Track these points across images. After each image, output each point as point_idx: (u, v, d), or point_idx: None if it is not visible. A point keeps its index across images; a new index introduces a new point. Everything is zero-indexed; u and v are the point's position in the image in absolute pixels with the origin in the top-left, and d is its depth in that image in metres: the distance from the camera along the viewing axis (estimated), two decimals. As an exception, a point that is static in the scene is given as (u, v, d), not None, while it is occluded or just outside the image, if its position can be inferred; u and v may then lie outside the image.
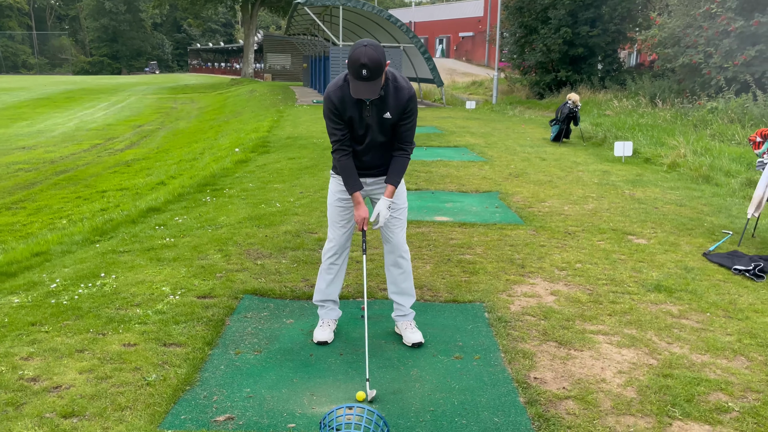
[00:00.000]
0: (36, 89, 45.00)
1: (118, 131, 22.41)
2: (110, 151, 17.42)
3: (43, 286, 4.44)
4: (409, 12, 64.40)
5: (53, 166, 14.99)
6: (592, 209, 7.03)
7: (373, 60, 3.00)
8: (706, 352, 3.64)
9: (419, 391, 3.19)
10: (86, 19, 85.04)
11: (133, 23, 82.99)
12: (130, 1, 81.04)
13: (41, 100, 36.12)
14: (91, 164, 15.10)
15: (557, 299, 4.40)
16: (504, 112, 19.97)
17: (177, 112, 29.24)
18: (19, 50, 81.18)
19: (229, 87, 40.89)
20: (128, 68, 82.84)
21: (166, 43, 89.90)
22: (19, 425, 2.76)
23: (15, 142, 20.10)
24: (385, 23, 22.47)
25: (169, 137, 20.08)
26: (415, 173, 8.86)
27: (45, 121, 26.39)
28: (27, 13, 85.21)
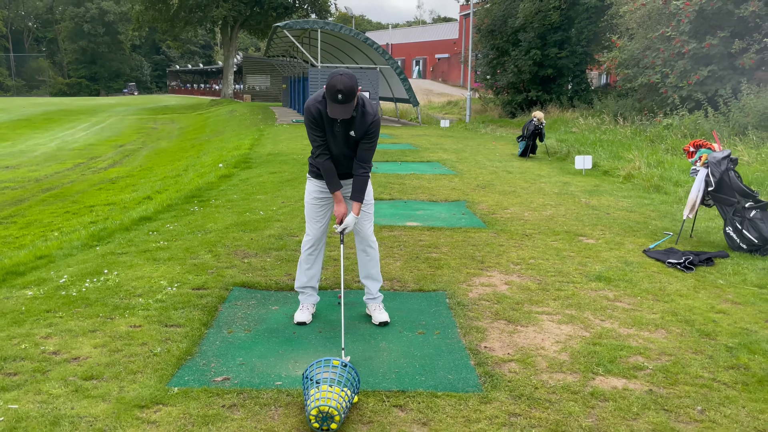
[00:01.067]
0: (14, 111, 45.05)
1: (101, 151, 22.79)
2: (94, 170, 17.82)
3: (52, 281, 4.95)
4: (386, 34, 65.68)
5: (39, 184, 15.36)
6: (549, 215, 7.70)
7: (347, 87, 3.62)
8: (633, 327, 4.27)
9: (386, 358, 3.76)
10: (64, 41, 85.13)
11: (111, 45, 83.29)
12: (109, 24, 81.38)
13: (20, 122, 36.29)
14: (76, 182, 15.50)
15: (510, 288, 5.02)
16: (477, 130, 20.78)
17: (158, 132, 29.66)
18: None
19: (209, 108, 41.40)
20: (107, 90, 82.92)
21: (145, 64, 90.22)
22: (47, 386, 3.28)
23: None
24: (362, 45, 23.27)
25: (152, 156, 20.52)
26: (390, 185, 9.49)
27: (26, 141, 26.65)
28: (4, 35, 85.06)
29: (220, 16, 40.17)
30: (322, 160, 4.00)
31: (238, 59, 48.85)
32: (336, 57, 28.62)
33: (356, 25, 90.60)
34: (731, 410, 3.17)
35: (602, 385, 3.43)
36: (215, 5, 40.26)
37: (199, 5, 41.11)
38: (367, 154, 3.96)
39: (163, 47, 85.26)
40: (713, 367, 3.66)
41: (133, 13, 44.10)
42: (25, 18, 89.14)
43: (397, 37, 64.29)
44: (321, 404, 2.89)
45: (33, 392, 3.21)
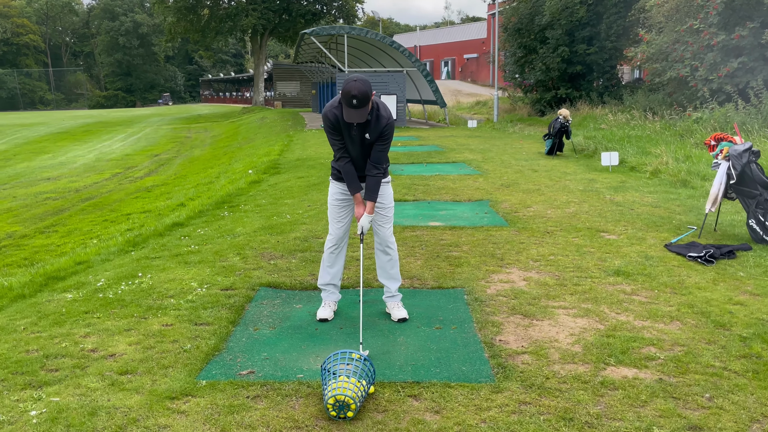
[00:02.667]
0: (54, 124, 46.53)
1: (137, 161, 23.46)
2: (130, 179, 18.39)
3: (90, 285, 5.24)
4: (414, 36, 65.84)
5: (78, 194, 15.95)
6: (572, 212, 7.75)
7: (361, 92, 3.80)
8: (648, 319, 4.34)
9: (404, 352, 3.92)
10: (101, 55, 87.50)
11: (146, 57, 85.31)
12: (143, 36, 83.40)
13: (61, 134, 37.49)
14: (114, 191, 16.04)
15: (528, 283, 5.12)
16: (504, 130, 20.77)
17: (191, 141, 30.35)
18: (36, 87, 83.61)
19: (241, 115, 42.15)
20: (142, 101, 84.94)
21: (179, 75, 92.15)
22: (86, 380, 3.52)
23: (40, 173, 21.18)
24: (388, 49, 23.48)
25: (186, 164, 21.06)
26: (414, 186, 9.64)
27: (66, 153, 27.56)
28: (43, 51, 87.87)
29: (250, 25, 40.87)
30: (343, 163, 4.18)
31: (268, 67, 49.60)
32: (363, 61, 28.91)
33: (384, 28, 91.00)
34: (739, 397, 3.24)
35: (613, 374, 3.53)
36: (245, 14, 40.99)
37: (229, 15, 41.91)
38: (380, 155, 4.13)
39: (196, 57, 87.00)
40: (725, 357, 3.71)
41: (166, 25, 45.17)
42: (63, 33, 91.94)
43: (425, 38, 64.39)
44: (338, 393, 3.06)
45: (73, 386, 3.45)
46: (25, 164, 24.43)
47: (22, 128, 42.80)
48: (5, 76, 79.95)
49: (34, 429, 3.02)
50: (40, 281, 5.53)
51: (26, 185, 18.62)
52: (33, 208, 14.46)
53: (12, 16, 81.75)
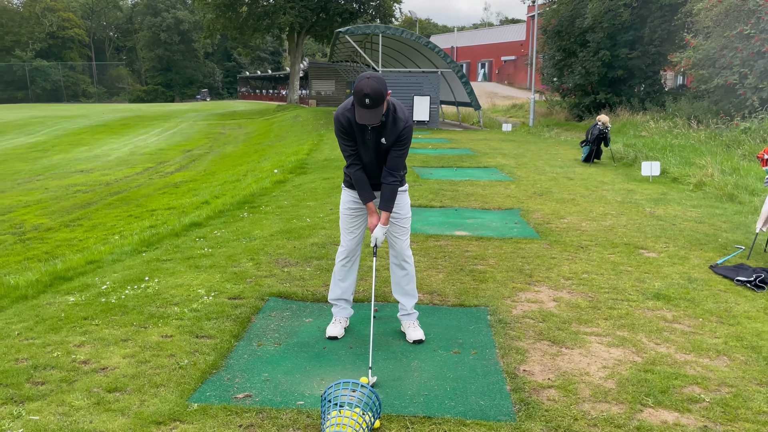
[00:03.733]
0: (94, 117, 47.35)
1: (169, 155, 23.55)
2: (161, 174, 18.40)
3: (95, 288, 5.02)
4: (451, 37, 65.24)
5: (108, 188, 15.97)
6: (609, 225, 7.28)
7: (374, 90, 3.45)
8: (691, 352, 3.91)
9: (417, 379, 3.57)
10: (142, 50, 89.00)
11: (186, 53, 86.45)
12: (184, 32, 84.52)
13: (99, 127, 38.07)
14: (143, 186, 16.02)
15: (558, 305, 4.72)
16: (540, 134, 20.21)
17: (225, 137, 30.43)
18: (80, 80, 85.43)
19: (275, 113, 42.23)
20: (181, 96, 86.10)
21: (217, 71, 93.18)
22: (71, 397, 3.26)
23: (74, 165, 21.40)
24: (423, 49, 23.10)
25: (217, 161, 21.03)
26: (442, 192, 9.26)
27: (102, 146, 27.88)
28: (87, 45, 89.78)
29: (287, 23, 40.89)
30: (354, 170, 3.85)
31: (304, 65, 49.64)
32: (398, 61, 28.57)
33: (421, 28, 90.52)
34: (799, 455, 2.81)
35: (651, 418, 3.12)
36: (282, 12, 41.02)
37: (267, 13, 42.00)
38: (397, 161, 3.78)
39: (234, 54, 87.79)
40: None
41: (205, 21, 45.54)
42: (107, 28, 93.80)
43: (463, 40, 63.74)
44: (335, 431, 2.74)
45: (56, 403, 3.19)
46: (61, 156, 24.77)
47: (63, 120, 43.65)
48: (50, 69, 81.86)
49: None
50: (46, 281, 5.34)
51: (59, 177, 18.78)
52: (62, 200, 14.50)
53: (58, 10, 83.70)
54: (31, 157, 24.51)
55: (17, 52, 79.91)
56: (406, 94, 22.32)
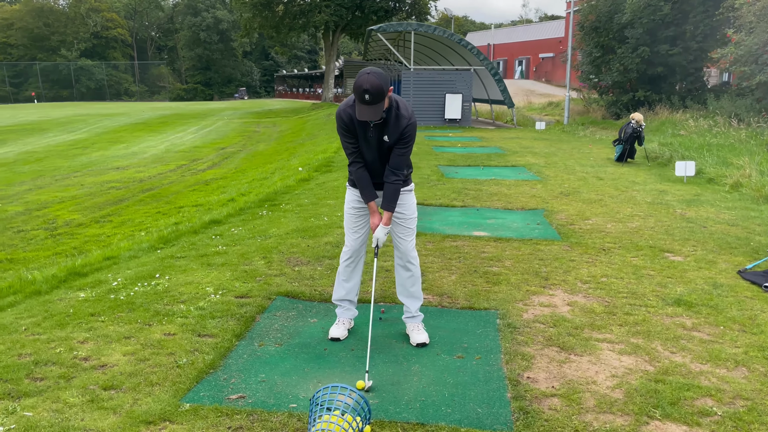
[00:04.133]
0: (135, 115, 48.36)
1: (203, 153, 23.86)
2: (193, 171, 18.63)
3: (106, 284, 5.06)
4: (488, 34, 64.59)
5: (141, 185, 16.24)
6: (635, 227, 7.04)
7: (374, 86, 3.36)
8: (707, 362, 3.71)
9: (415, 384, 3.47)
10: (183, 49, 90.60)
11: (225, 52, 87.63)
12: (223, 32, 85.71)
13: (138, 125, 38.85)
14: (174, 183, 16.25)
15: (572, 309, 4.56)
16: (574, 133, 19.80)
17: (259, 135, 30.71)
18: (122, 79, 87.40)
19: (309, 111, 42.46)
20: (219, 94, 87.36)
21: (255, 70, 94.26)
22: (67, 394, 3.27)
23: (111, 162, 21.85)
24: (456, 46, 22.88)
25: (248, 158, 21.21)
26: (465, 191, 9.12)
27: (140, 144, 28.42)
28: (130, 45, 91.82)
29: (322, 22, 41.05)
30: (356, 168, 3.78)
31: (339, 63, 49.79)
32: (432, 59, 28.38)
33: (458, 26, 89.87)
34: (814, 477, 2.62)
35: (657, 431, 2.96)
36: (318, 11, 41.20)
37: (303, 11, 42.24)
38: (400, 160, 3.69)
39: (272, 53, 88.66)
40: (799, 420, 3.07)
41: (242, 21, 46.05)
42: (149, 28, 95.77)
43: (500, 37, 63.04)
44: (321, 436, 2.67)
45: (51, 400, 3.20)
46: (100, 153, 25.32)
47: (104, 118, 44.70)
48: (94, 68, 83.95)
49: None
50: (61, 276, 5.41)
51: (96, 174, 19.20)
52: (96, 196, 14.79)
53: (102, 11, 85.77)
54: (71, 154, 25.14)
55: (63, 52, 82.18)
56: (438, 91, 22.14)
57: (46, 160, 23.54)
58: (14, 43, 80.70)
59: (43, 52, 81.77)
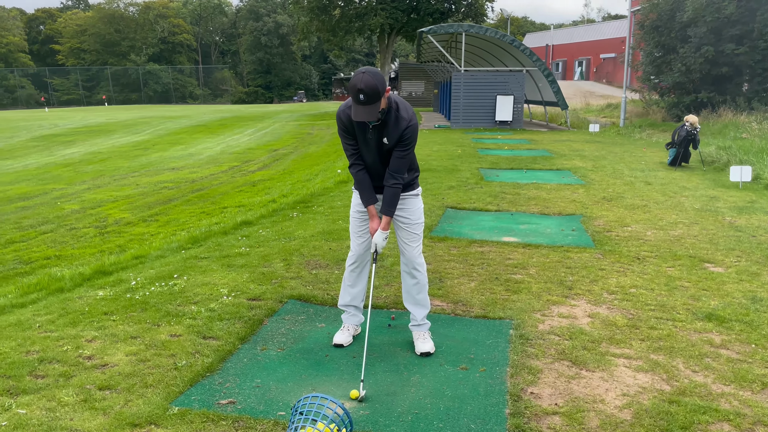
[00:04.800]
0: (196, 117, 49.78)
1: (256, 155, 24.28)
2: (243, 172, 18.97)
3: (126, 283, 5.14)
4: (548, 35, 63.32)
5: (192, 185, 16.64)
6: (677, 235, 6.67)
7: (369, 86, 3.26)
8: (731, 383, 3.44)
9: (412, 395, 3.35)
10: (244, 53, 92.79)
11: (284, 56, 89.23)
12: (283, 36, 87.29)
13: (198, 127, 39.94)
14: (224, 184, 16.57)
15: (592, 321, 4.32)
16: (630, 135, 19.11)
17: (312, 138, 31.04)
18: (187, 82, 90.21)
19: (364, 113, 42.58)
20: (279, 97, 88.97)
21: (314, 73, 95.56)
22: (63, 393, 3.31)
23: (168, 163, 22.51)
24: (508, 47, 22.49)
25: (298, 160, 21.44)
26: (502, 195, 8.88)
27: (197, 145, 29.20)
28: (195, 49, 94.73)
29: (377, 24, 41.16)
30: (356, 170, 3.69)
31: (394, 66, 49.83)
32: (485, 60, 28.00)
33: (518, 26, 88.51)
34: None
35: (660, 459, 2.74)
36: (373, 14, 41.34)
37: (359, 14, 42.48)
38: (400, 163, 3.57)
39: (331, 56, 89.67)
40: (825, 452, 2.79)
41: (299, 24, 46.72)
42: (213, 33, 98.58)
43: (559, 37, 61.69)
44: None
45: (47, 398, 3.25)
46: (159, 154, 26.15)
47: (167, 120, 46.19)
48: (161, 72, 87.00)
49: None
50: (88, 274, 5.54)
51: (152, 174, 19.80)
52: (148, 196, 15.24)
53: (169, 17, 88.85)
54: (132, 155, 26.06)
55: (132, 57, 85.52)
56: (489, 93, 21.80)
57: (109, 160, 24.48)
58: (87, 48, 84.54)
59: (113, 57, 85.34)
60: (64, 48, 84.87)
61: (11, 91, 76.94)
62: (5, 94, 76.28)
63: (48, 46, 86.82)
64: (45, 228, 11.67)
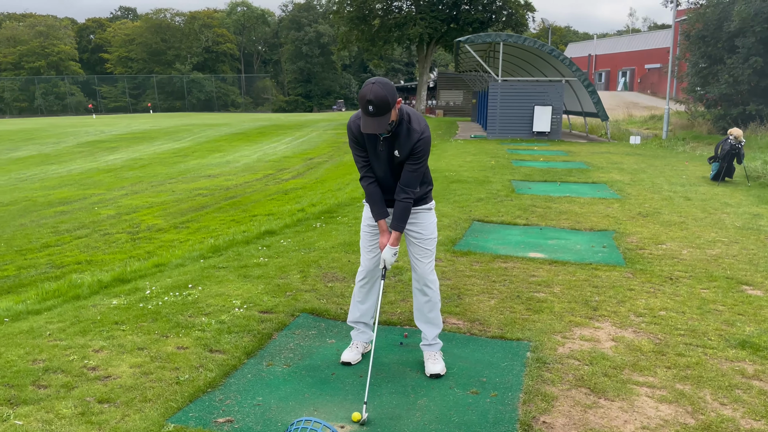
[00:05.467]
0: (236, 125, 50.54)
1: (291, 163, 24.43)
2: (277, 181, 19.07)
3: (141, 292, 5.12)
4: (590, 45, 62.33)
5: (226, 192, 16.80)
6: (714, 255, 6.35)
7: (378, 97, 3.14)
8: (762, 418, 3.18)
9: (416, 420, 3.19)
10: (286, 63, 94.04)
11: (325, 65, 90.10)
12: (324, 45, 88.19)
13: (237, 135, 40.52)
14: (257, 192, 16.67)
15: (615, 346, 4.09)
16: (672, 148, 18.53)
17: (347, 147, 31.10)
18: (229, 91, 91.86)
19: (402, 122, 42.56)
20: (318, 106, 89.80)
21: (353, 82, 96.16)
22: (62, 404, 3.26)
23: (205, 170, 22.82)
24: (548, 57, 22.13)
25: (332, 169, 21.47)
26: (532, 208, 8.64)
27: (235, 153, 29.58)
28: (237, 58, 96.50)
29: (416, 34, 41.14)
30: (366, 183, 3.57)
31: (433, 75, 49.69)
32: (524, 69, 27.64)
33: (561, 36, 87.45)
34: None
35: (678, 502, 2.52)
36: (413, 23, 41.35)
37: (398, 24, 42.55)
38: (411, 176, 3.43)
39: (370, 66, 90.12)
40: None
41: (339, 34, 47.07)
42: (256, 42, 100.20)
43: (602, 47, 60.64)
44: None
45: (45, 410, 3.20)
46: (197, 161, 26.55)
47: (207, 128, 47.01)
48: (204, 81, 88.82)
49: (-29, 457, 2.78)
50: (106, 282, 5.55)
51: (188, 181, 20.08)
52: (182, 203, 15.42)
53: (214, 27, 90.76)
54: (171, 162, 26.53)
55: (177, 65, 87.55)
56: (527, 103, 21.47)
57: (149, 167, 24.96)
58: (134, 57, 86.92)
59: (159, 66, 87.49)
60: (113, 57, 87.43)
61: (61, 98, 79.54)
62: (56, 101, 78.90)
63: (97, 54, 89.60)
64: (80, 233, 11.89)
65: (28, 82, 78.45)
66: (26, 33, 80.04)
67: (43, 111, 76.91)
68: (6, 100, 77.04)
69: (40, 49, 79.55)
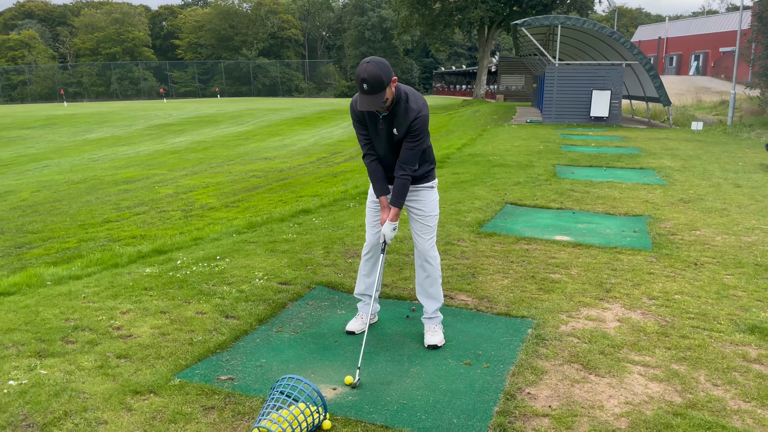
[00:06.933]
0: (298, 110, 51.42)
1: (345, 147, 24.76)
2: (329, 164, 19.43)
3: (173, 262, 5.46)
4: (661, 27, 59.82)
5: (278, 174, 17.26)
6: (749, 242, 6.17)
7: (372, 75, 3.27)
8: (753, 400, 3.17)
9: (405, 386, 3.34)
10: (349, 48, 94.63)
11: (387, 50, 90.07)
12: (386, 30, 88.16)
13: (298, 119, 41.26)
14: (308, 174, 17.06)
15: (620, 326, 4.11)
16: (736, 135, 17.75)
17: (404, 131, 31.21)
18: (294, 76, 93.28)
19: (459, 108, 42.29)
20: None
21: (415, 67, 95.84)
22: (84, 358, 3.59)
23: (262, 153, 23.45)
24: (608, 40, 21.50)
25: (385, 153, 21.67)
26: (569, 193, 8.56)
27: (293, 137, 30.19)
28: (302, 44, 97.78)
29: (477, 18, 40.64)
30: (368, 161, 3.72)
31: (495, 60, 49.00)
32: (584, 52, 26.92)
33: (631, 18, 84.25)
34: None
35: (641, 472, 2.59)
36: (474, 6, 40.86)
37: (459, 8, 42.14)
38: (410, 154, 3.56)
39: (432, 50, 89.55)
40: (833, 484, 2.51)
41: (399, 18, 47.03)
42: (320, 28, 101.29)
43: (674, 30, 58.09)
44: (261, 426, 2.68)
45: (69, 362, 3.53)
46: (256, 144, 27.28)
47: (270, 112, 48.04)
48: (270, 66, 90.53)
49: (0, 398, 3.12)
50: (145, 252, 5.92)
51: (245, 163, 20.71)
52: (237, 183, 15.97)
53: (279, 13, 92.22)
54: (232, 144, 27.36)
55: (244, 51, 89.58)
56: (585, 87, 20.96)
57: (211, 149, 25.84)
58: (203, 43, 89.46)
59: (227, 52, 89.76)
60: (183, 43, 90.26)
61: (135, 82, 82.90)
62: (130, 85, 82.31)
63: (169, 41, 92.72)
64: (139, 209, 12.53)
65: (104, 67, 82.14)
66: (103, 20, 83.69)
67: (118, 95, 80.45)
68: (84, 85, 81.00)
69: (116, 36, 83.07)
